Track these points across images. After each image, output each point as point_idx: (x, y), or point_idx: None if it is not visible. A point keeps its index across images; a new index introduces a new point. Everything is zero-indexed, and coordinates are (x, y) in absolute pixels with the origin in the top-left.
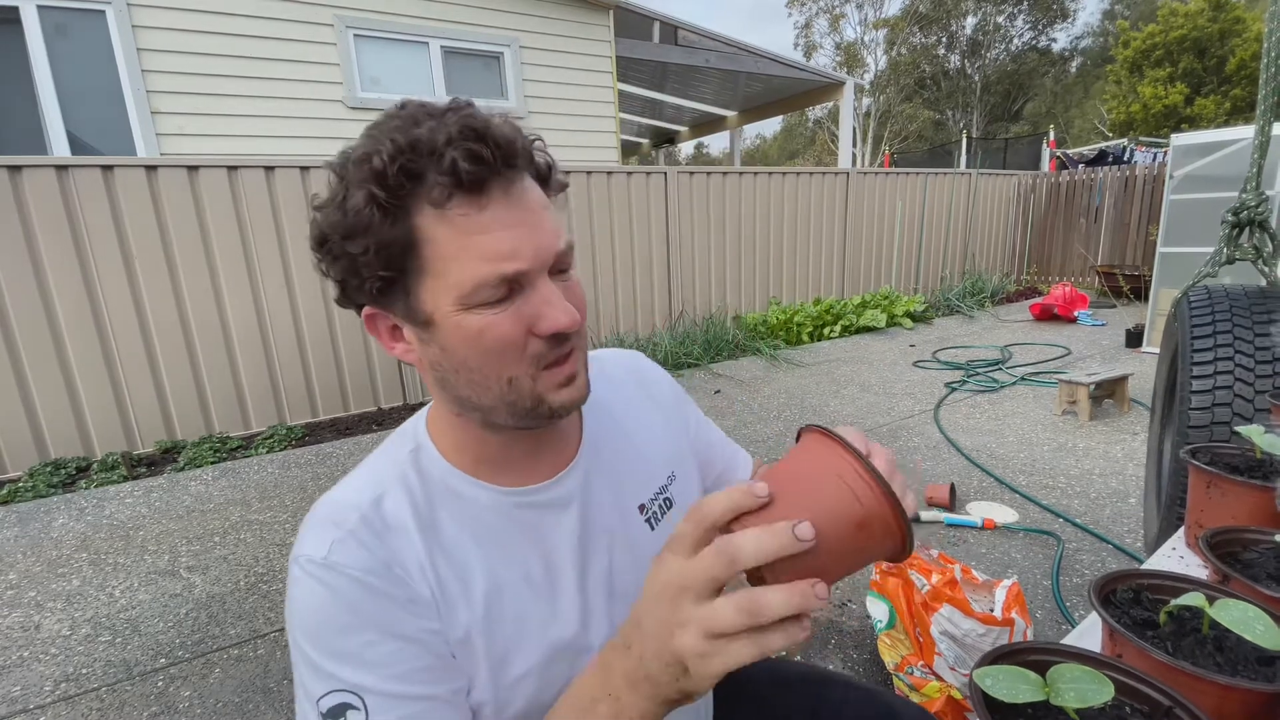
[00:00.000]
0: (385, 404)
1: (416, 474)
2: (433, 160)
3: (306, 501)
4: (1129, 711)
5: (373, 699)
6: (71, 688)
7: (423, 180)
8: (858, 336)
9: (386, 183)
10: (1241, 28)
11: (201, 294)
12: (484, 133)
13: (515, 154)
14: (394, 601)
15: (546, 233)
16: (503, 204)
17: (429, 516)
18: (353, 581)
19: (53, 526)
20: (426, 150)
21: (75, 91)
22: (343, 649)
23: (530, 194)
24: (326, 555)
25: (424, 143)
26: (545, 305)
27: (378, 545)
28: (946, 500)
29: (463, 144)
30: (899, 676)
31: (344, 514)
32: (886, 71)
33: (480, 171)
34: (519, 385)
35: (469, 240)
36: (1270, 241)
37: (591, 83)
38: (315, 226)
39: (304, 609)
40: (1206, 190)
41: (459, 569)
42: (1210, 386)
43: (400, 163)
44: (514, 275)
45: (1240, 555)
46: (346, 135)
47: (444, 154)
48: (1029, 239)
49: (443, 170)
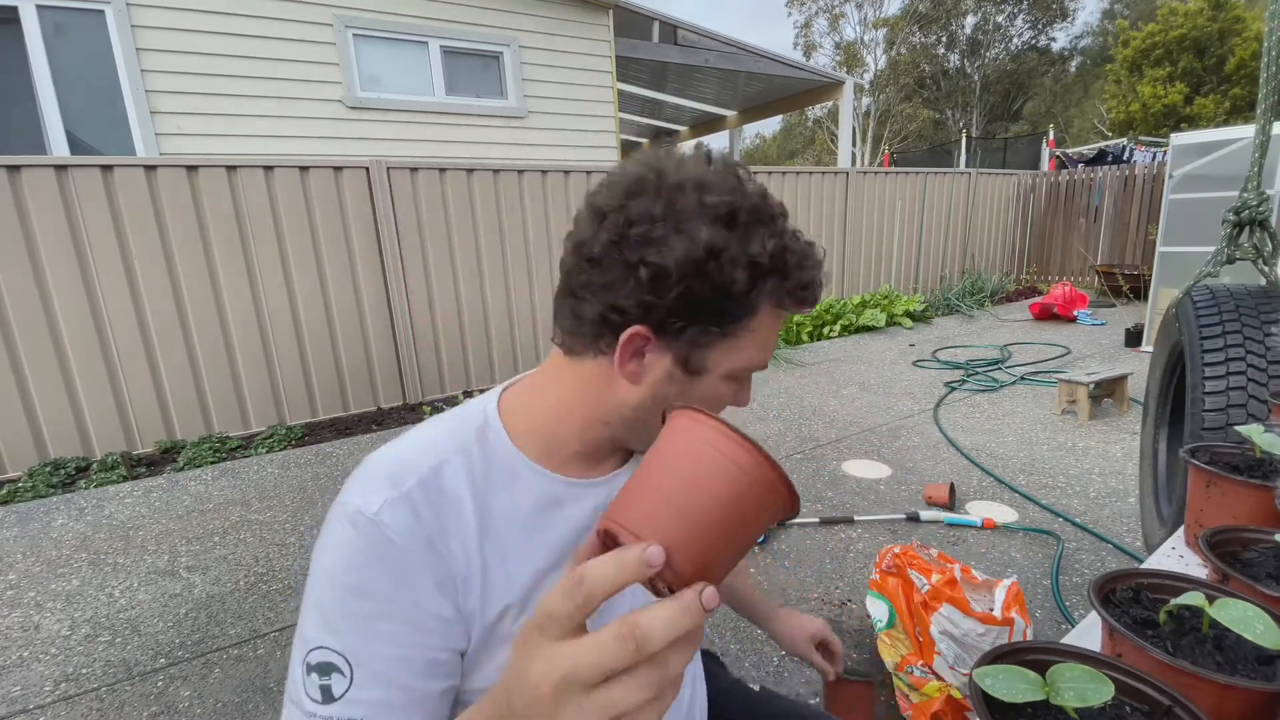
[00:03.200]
0: (385, 404)
1: (480, 449)
2: (808, 286)
3: (306, 501)
4: (1129, 711)
5: (360, 672)
6: (71, 688)
7: (785, 280)
8: (857, 336)
9: (764, 269)
10: (1241, 27)
11: (201, 294)
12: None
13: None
14: (423, 580)
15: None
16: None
17: (484, 493)
18: (390, 544)
19: (52, 526)
20: (809, 269)
21: (74, 91)
22: (355, 611)
23: None
24: (377, 512)
25: (794, 253)
26: (747, 388)
27: (429, 514)
28: (946, 500)
29: (815, 272)
30: (899, 676)
31: (403, 473)
32: (886, 71)
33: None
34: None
35: (765, 336)
36: (1270, 241)
37: (591, 82)
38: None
39: (335, 557)
40: (1206, 190)
41: (503, 551)
42: (1224, 388)
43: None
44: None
45: (1240, 555)
46: (346, 135)
47: (814, 282)
48: (1028, 238)
49: (803, 287)
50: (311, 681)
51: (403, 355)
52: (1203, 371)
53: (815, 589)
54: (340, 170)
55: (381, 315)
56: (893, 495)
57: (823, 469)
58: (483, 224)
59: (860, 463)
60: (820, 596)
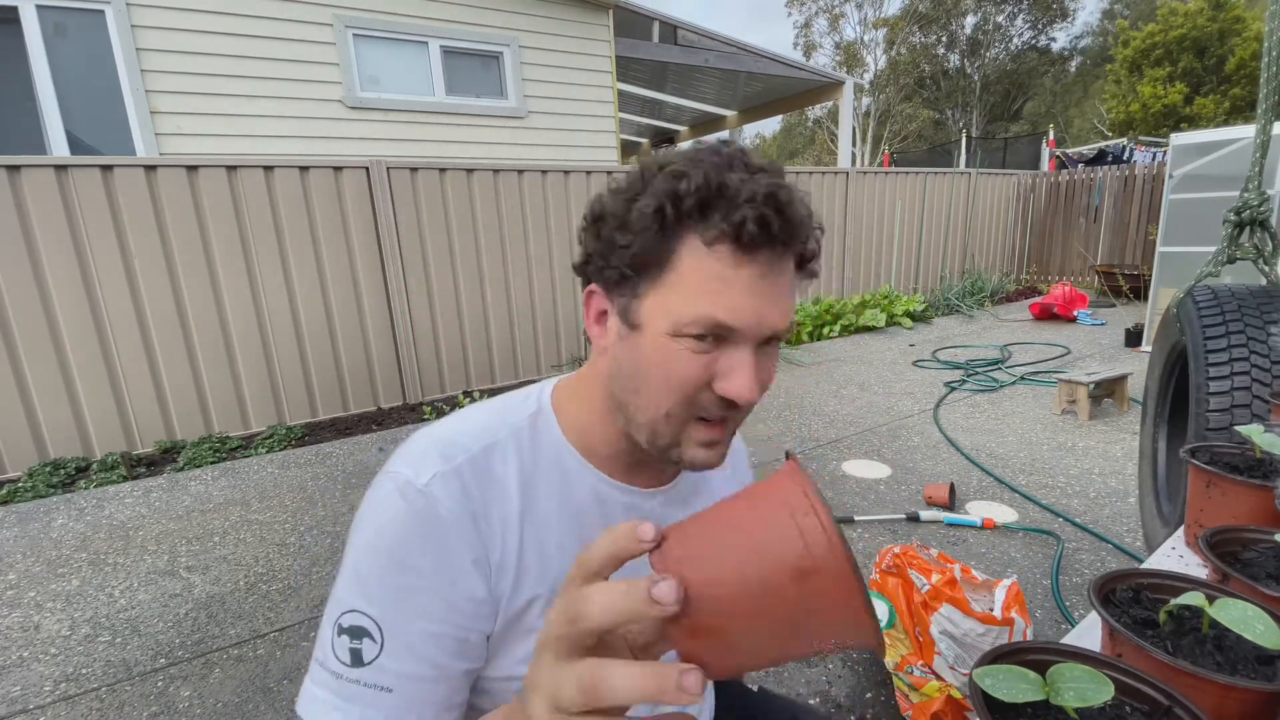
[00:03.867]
0: (385, 404)
1: (531, 437)
2: (728, 207)
3: (306, 501)
4: (1129, 711)
5: (391, 641)
6: (71, 688)
7: (708, 219)
8: (857, 336)
9: (680, 205)
10: (1241, 27)
11: (201, 294)
12: (784, 207)
13: (797, 237)
14: (462, 558)
15: (777, 309)
16: (760, 273)
17: (531, 481)
18: (436, 518)
19: (52, 527)
20: (728, 196)
21: (74, 91)
22: (395, 582)
23: (785, 274)
24: (427, 484)
25: (729, 189)
26: (738, 368)
27: (477, 492)
28: (946, 500)
29: (762, 207)
30: (899, 676)
31: (453, 451)
32: (886, 71)
33: (761, 237)
34: (672, 421)
35: (710, 284)
36: (1271, 241)
37: (591, 82)
38: (598, 203)
39: (380, 524)
40: (1206, 190)
41: (541, 542)
42: (1228, 388)
43: (701, 195)
44: (728, 327)
45: (1240, 554)
46: (345, 135)
47: (740, 207)
48: (1028, 238)
49: (731, 220)
50: (341, 644)
51: (403, 355)
52: (1207, 372)
53: None
54: (340, 170)
55: (381, 315)
56: (893, 495)
57: (823, 469)
58: (483, 224)
59: (860, 463)
60: None
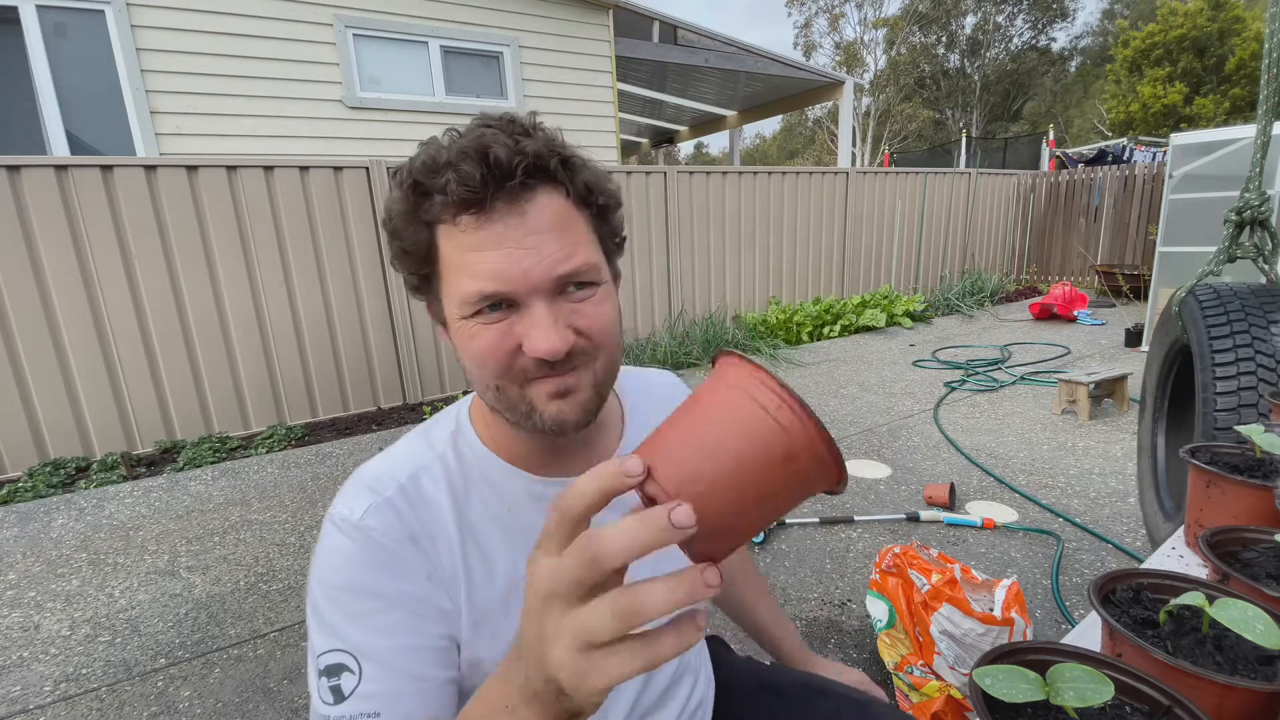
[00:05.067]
0: (385, 404)
1: (455, 456)
2: (437, 178)
3: (306, 501)
4: (1129, 711)
5: (368, 665)
6: (71, 688)
7: (430, 197)
8: (857, 336)
9: (408, 194)
10: (1241, 27)
11: (201, 294)
12: (483, 154)
13: (509, 174)
14: (413, 572)
15: (546, 254)
16: (502, 224)
17: (464, 499)
18: (379, 546)
19: (52, 526)
20: (434, 168)
21: (74, 91)
22: (353, 610)
23: (542, 212)
24: (361, 517)
25: (436, 161)
26: (532, 328)
27: (411, 516)
28: (946, 500)
29: (460, 165)
30: (899, 676)
31: (383, 484)
32: (886, 71)
33: (472, 191)
34: (505, 394)
35: (465, 256)
36: (1271, 240)
37: (591, 82)
38: (386, 216)
39: (326, 563)
40: (1206, 189)
41: (485, 554)
42: (1235, 388)
43: (415, 178)
44: (495, 294)
45: (1240, 554)
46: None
47: (443, 173)
48: (1028, 238)
49: (440, 189)
50: (323, 685)
51: (403, 355)
52: (1213, 371)
53: (815, 589)
54: (340, 170)
55: (381, 315)
56: (893, 495)
57: None
58: None
59: (860, 462)
60: (820, 596)
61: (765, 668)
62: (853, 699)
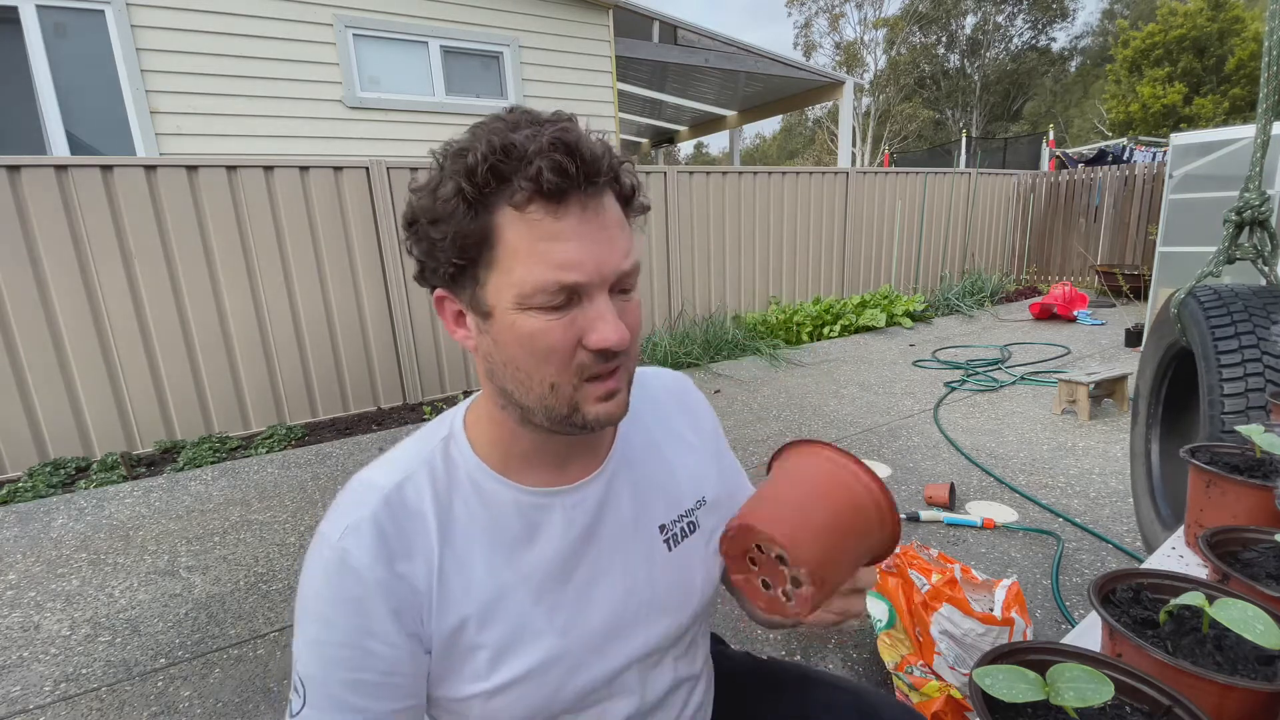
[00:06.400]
0: (385, 404)
1: (443, 461)
2: (521, 165)
3: (306, 501)
4: (1129, 711)
5: (313, 693)
6: (71, 688)
7: (509, 182)
8: (857, 336)
9: (475, 179)
10: (1240, 27)
11: (201, 294)
12: (574, 148)
13: (599, 171)
14: (378, 609)
15: (615, 251)
16: (578, 217)
17: (447, 504)
18: (351, 573)
19: (52, 526)
20: (517, 155)
21: (74, 91)
22: (314, 636)
23: (608, 212)
24: (339, 539)
25: (517, 148)
26: (599, 320)
27: (393, 532)
28: (946, 500)
29: (551, 155)
30: (899, 676)
31: (368, 494)
32: (886, 71)
33: (562, 183)
34: (560, 391)
35: (538, 245)
36: (1270, 241)
37: (591, 83)
38: (408, 207)
39: (305, 579)
40: (1206, 190)
41: (464, 565)
42: (1243, 389)
43: (491, 163)
44: (572, 285)
45: (1240, 554)
46: (346, 135)
47: (532, 161)
48: (1028, 238)
49: (528, 176)
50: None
51: (403, 355)
52: (1220, 373)
53: None
54: (340, 170)
55: (382, 315)
56: (893, 495)
57: None
58: None
59: None
60: None
61: (763, 661)
62: (846, 689)
